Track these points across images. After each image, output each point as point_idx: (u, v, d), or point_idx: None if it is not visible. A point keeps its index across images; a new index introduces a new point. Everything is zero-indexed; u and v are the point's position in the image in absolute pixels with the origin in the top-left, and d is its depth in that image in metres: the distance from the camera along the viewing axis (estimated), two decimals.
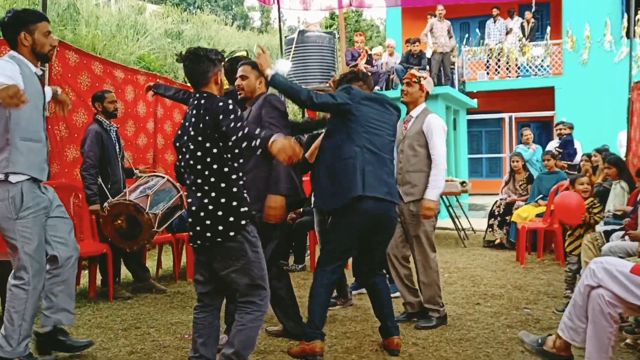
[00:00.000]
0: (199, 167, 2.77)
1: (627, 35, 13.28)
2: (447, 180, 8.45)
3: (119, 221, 4.28)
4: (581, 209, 4.78)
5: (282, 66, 9.86)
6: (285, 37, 11.77)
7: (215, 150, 2.74)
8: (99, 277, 5.17)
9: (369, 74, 3.80)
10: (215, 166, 2.75)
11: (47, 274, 3.32)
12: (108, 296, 4.94)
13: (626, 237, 4.34)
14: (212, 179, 2.76)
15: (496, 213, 7.84)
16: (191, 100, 2.89)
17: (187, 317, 4.37)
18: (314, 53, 11.77)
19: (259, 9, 36.96)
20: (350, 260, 4.03)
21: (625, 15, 13.80)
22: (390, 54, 12.49)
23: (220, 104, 2.73)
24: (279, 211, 3.45)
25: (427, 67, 11.63)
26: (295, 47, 11.54)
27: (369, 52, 12.34)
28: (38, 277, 3.19)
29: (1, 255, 4.15)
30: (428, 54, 12.02)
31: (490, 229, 7.86)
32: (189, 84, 3.54)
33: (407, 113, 4.21)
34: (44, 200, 3.26)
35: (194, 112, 2.80)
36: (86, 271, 5.31)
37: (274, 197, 3.43)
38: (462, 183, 8.30)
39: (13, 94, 2.66)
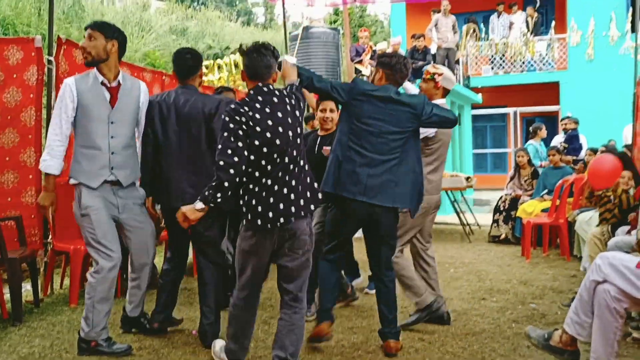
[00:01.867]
0: (300, 155, 2.90)
1: (633, 29, 13.24)
2: (452, 176, 8.47)
3: None
4: (615, 172, 4.54)
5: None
6: (290, 33, 11.77)
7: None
8: None
9: (409, 62, 3.65)
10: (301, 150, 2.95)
11: (130, 274, 3.82)
12: (116, 293, 4.96)
13: (632, 232, 4.35)
14: (302, 162, 2.92)
15: (501, 208, 7.85)
16: (278, 94, 2.91)
17: (194, 313, 4.39)
18: (318, 49, 11.76)
19: (262, 4, 36.92)
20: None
21: (631, 10, 13.75)
22: (396, 51, 12.48)
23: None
24: None
25: (432, 63, 11.62)
26: (299, 43, 11.52)
27: (374, 48, 12.32)
28: (105, 270, 3.43)
29: (11, 253, 4.21)
30: (433, 50, 12.00)
31: (496, 224, 7.87)
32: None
33: None
34: (107, 202, 3.51)
35: (292, 102, 2.92)
36: None
37: None
38: (467, 178, 8.30)
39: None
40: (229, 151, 2.70)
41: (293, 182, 2.85)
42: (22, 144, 4.77)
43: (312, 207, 2.89)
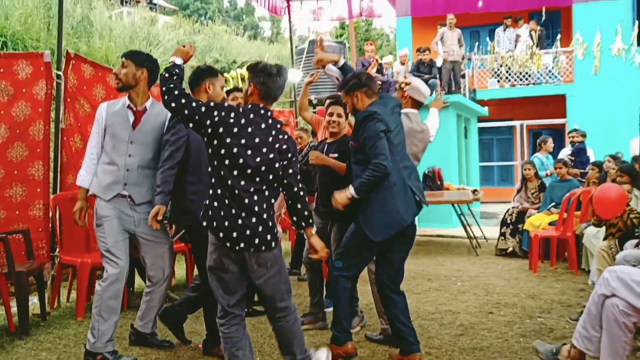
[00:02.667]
0: (270, 177, 2.86)
1: (639, 42, 13.25)
2: (458, 188, 8.46)
3: None
4: (622, 201, 4.56)
5: (293, 76, 9.92)
6: (296, 46, 11.86)
7: (277, 165, 2.88)
8: None
9: (372, 77, 3.67)
10: (276, 179, 2.90)
11: (145, 289, 3.88)
12: (122, 306, 4.96)
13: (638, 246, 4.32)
14: (267, 194, 2.88)
15: (508, 221, 7.82)
16: (255, 116, 2.87)
17: (201, 326, 4.38)
18: None
19: (269, 19, 37.21)
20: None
21: (637, 22, 13.77)
22: (403, 63, 12.53)
23: (292, 139, 2.98)
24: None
25: (438, 76, 11.64)
26: (306, 56, 11.61)
27: (380, 61, 12.38)
28: (111, 277, 3.53)
29: (19, 266, 4.23)
30: (439, 63, 12.03)
31: (503, 237, 7.84)
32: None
33: None
34: (122, 214, 3.64)
35: (273, 131, 2.87)
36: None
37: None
38: (474, 191, 8.29)
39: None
40: (193, 103, 2.79)
41: (256, 209, 2.81)
42: (30, 158, 4.81)
43: (273, 244, 2.85)
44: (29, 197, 4.80)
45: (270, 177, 2.86)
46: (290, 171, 2.92)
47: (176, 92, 2.81)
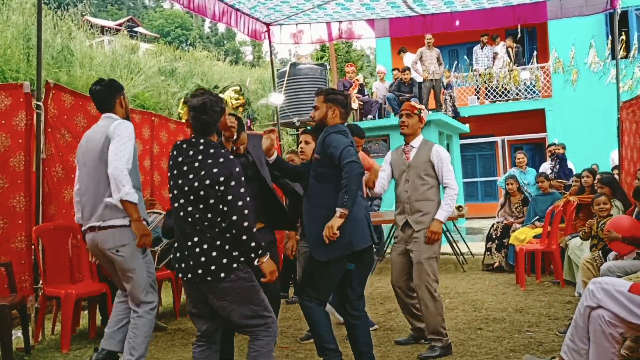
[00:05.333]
0: (201, 205, 2.80)
1: (613, 56, 13.50)
2: None
3: None
4: (636, 228, 4.46)
5: (275, 99, 9.97)
6: (277, 70, 11.94)
7: (202, 192, 2.79)
8: (98, 317, 5.14)
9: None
10: (211, 215, 2.81)
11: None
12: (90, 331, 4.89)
13: (624, 257, 4.37)
14: (206, 224, 2.80)
15: (494, 236, 7.86)
16: (187, 146, 2.91)
17: (189, 354, 4.32)
18: (306, 85, 11.93)
19: (250, 43, 37.46)
20: None
21: (610, 37, 14.06)
22: (381, 80, 12.66)
23: (230, 164, 2.81)
24: None
25: (418, 95, 11.77)
26: (287, 79, 11.69)
27: (361, 82, 12.50)
28: (155, 305, 3.57)
29: (1, 300, 4.15)
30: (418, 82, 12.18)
31: (489, 253, 7.87)
32: (183, 121, 3.63)
33: (407, 143, 4.26)
34: None
35: (200, 158, 2.83)
36: (86, 311, 5.28)
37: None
38: (459, 207, 8.32)
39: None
40: None
41: (195, 239, 2.79)
42: (11, 190, 4.76)
43: (222, 274, 2.78)
44: (10, 229, 4.74)
45: (201, 205, 2.79)
46: (229, 197, 2.76)
47: None
